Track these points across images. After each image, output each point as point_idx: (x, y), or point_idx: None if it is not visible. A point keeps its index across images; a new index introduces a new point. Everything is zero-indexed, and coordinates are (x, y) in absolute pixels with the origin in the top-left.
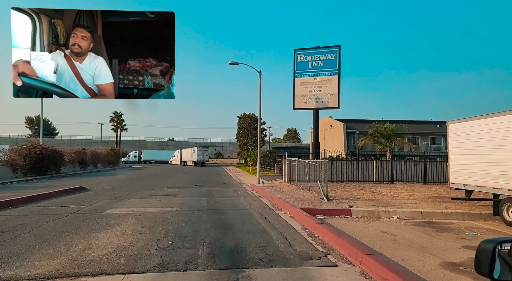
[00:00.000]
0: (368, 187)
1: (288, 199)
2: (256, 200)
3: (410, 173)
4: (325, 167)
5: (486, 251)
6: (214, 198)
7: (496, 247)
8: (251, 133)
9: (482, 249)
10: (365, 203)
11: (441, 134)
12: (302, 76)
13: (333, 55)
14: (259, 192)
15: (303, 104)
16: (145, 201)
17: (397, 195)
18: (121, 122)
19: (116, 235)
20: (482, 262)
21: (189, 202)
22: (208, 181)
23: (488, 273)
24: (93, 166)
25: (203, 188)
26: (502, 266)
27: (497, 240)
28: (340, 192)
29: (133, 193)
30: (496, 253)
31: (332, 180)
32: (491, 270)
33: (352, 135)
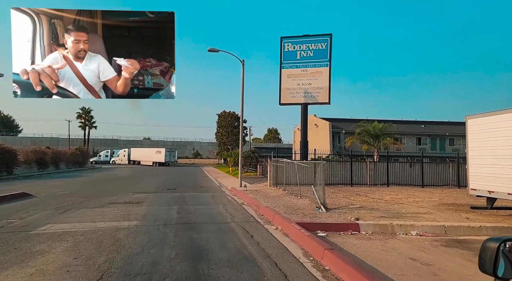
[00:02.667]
0: (365, 192)
1: (278, 208)
2: (238, 208)
3: (406, 175)
4: (322, 169)
5: (490, 249)
6: (188, 207)
7: (500, 246)
8: (231, 132)
9: (486, 247)
10: (371, 213)
11: (426, 134)
12: (289, 68)
13: (324, 44)
14: (241, 197)
15: (290, 99)
16: (99, 211)
17: (401, 202)
18: (90, 119)
19: (27, 275)
20: (486, 261)
21: (155, 213)
22: (183, 184)
23: (492, 272)
24: (55, 166)
25: (176, 193)
26: (506, 264)
27: (502, 239)
28: (336, 198)
29: (88, 200)
30: (500, 251)
31: None
32: (495, 268)
33: (337, 135)
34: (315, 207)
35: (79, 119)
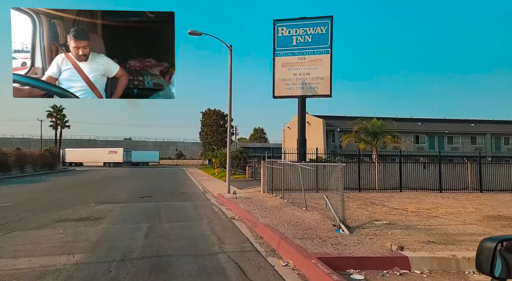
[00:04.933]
0: (379, 199)
1: (282, 226)
2: (227, 226)
3: (420, 178)
4: (341, 173)
5: (487, 249)
6: (161, 225)
7: (497, 245)
8: (217, 131)
9: (483, 247)
10: (411, 235)
11: (424, 132)
12: (284, 55)
13: (324, 28)
14: (230, 207)
15: (285, 91)
16: (34, 236)
17: (432, 214)
18: (62, 118)
19: None
20: (483, 260)
21: (113, 237)
22: (162, 190)
23: (489, 272)
24: (20, 170)
25: (151, 202)
26: (503, 264)
27: (499, 238)
28: (350, 209)
29: (32, 216)
30: (497, 251)
31: (325, 188)
32: (492, 268)
33: (331, 133)
34: (332, 225)
35: (50, 118)
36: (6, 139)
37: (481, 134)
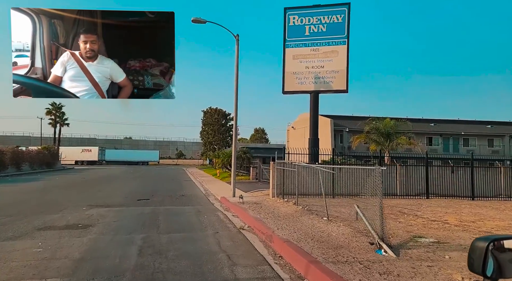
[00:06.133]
0: (408, 207)
1: (305, 243)
2: (237, 240)
3: (448, 183)
4: (379, 179)
5: (479, 249)
6: (159, 237)
7: (489, 245)
8: (218, 130)
9: (475, 247)
10: None
11: (437, 133)
12: (295, 46)
13: (340, 16)
14: (237, 214)
15: (296, 86)
16: (6, 249)
17: (481, 227)
18: (62, 116)
19: None
20: (475, 260)
21: (100, 254)
22: (161, 192)
23: (481, 271)
24: (16, 168)
25: (148, 206)
26: (495, 263)
27: (490, 238)
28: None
29: (12, 222)
30: (489, 251)
31: (340, 193)
32: (484, 268)
33: (339, 133)
34: (368, 243)
35: (49, 115)
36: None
37: (498, 136)
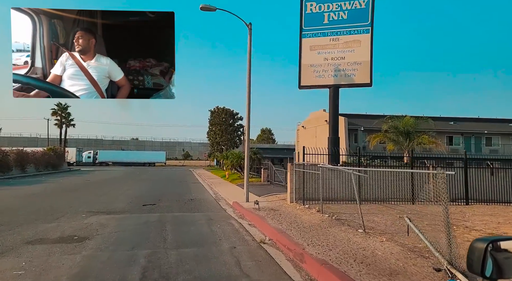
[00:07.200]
0: (452, 216)
1: (346, 265)
2: (261, 260)
3: (489, 187)
4: (444, 185)
5: (478, 250)
6: (167, 254)
7: (488, 246)
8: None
9: (474, 248)
10: None
11: (458, 132)
12: (313, 36)
13: (363, 2)
14: (254, 223)
15: (314, 80)
16: None
17: None
18: (67, 116)
19: None
20: (474, 261)
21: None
22: (168, 196)
23: (480, 272)
24: (21, 169)
25: (154, 213)
26: (494, 264)
27: (489, 239)
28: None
29: (1, 233)
30: (488, 252)
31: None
32: (483, 269)
33: (354, 133)
34: (433, 268)
35: (55, 116)
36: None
37: None
